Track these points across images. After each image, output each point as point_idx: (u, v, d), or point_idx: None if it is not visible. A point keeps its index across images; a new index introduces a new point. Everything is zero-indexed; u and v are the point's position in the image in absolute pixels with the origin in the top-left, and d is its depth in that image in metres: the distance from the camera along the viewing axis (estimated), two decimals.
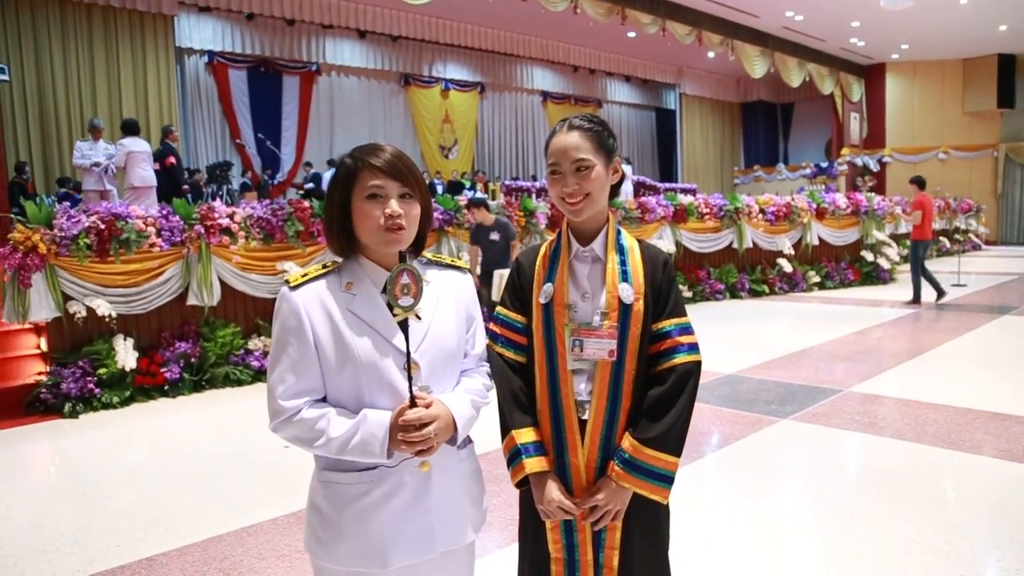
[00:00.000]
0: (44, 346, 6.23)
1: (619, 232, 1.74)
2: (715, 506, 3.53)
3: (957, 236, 19.22)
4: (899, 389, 5.52)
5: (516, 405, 1.70)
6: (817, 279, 12.07)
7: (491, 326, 1.77)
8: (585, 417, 1.67)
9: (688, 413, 1.65)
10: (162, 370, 6.09)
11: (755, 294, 11.43)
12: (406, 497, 1.48)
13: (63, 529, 3.52)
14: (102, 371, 5.81)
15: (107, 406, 5.74)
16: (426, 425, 1.42)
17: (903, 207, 15.34)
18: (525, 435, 1.68)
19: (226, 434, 5.14)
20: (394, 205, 1.46)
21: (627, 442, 1.63)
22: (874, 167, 22.71)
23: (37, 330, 6.43)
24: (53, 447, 5.02)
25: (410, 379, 1.45)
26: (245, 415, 5.58)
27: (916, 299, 10.20)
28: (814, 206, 12.26)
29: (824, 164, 22.92)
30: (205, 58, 15.26)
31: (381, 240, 1.47)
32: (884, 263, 12.78)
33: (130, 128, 9.28)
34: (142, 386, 6.00)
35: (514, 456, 1.69)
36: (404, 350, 1.46)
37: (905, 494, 3.54)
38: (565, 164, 1.64)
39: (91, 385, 5.71)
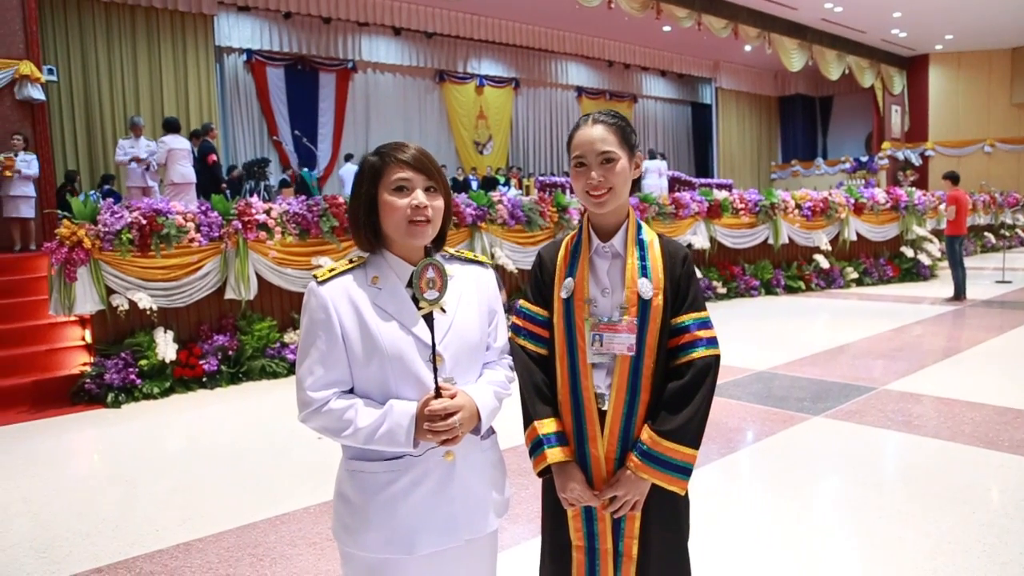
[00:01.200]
0: (88, 338, 6.42)
1: (639, 227, 1.76)
2: (743, 502, 3.52)
3: (1003, 231, 18.73)
4: (936, 387, 5.43)
5: (538, 396, 1.73)
6: (855, 275, 11.88)
7: (514, 319, 1.80)
8: (605, 408, 1.69)
9: (707, 407, 1.67)
10: (201, 362, 6.24)
11: (791, 290, 11.29)
12: (431, 486, 1.52)
13: (105, 514, 3.65)
14: (143, 363, 5.97)
15: (148, 396, 5.91)
16: (451, 415, 1.45)
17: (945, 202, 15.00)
18: (547, 426, 1.71)
19: (262, 425, 5.26)
20: (420, 196, 1.50)
21: (646, 434, 1.66)
22: (916, 161, 22.26)
23: (82, 322, 6.63)
24: (96, 435, 5.18)
25: (435, 371, 1.49)
26: (280, 407, 5.69)
27: (958, 295, 10.00)
28: (852, 201, 12.06)
29: (864, 158, 22.51)
30: (244, 56, 15.50)
31: (407, 231, 1.50)
32: (925, 259, 12.54)
33: (171, 126, 9.49)
34: (181, 378, 6.15)
35: (536, 446, 1.72)
36: (428, 342, 1.50)
37: (938, 493, 3.50)
38: (591, 156, 1.67)
39: (133, 376, 5.87)
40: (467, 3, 16.39)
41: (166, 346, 6.05)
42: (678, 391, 1.65)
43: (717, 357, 1.69)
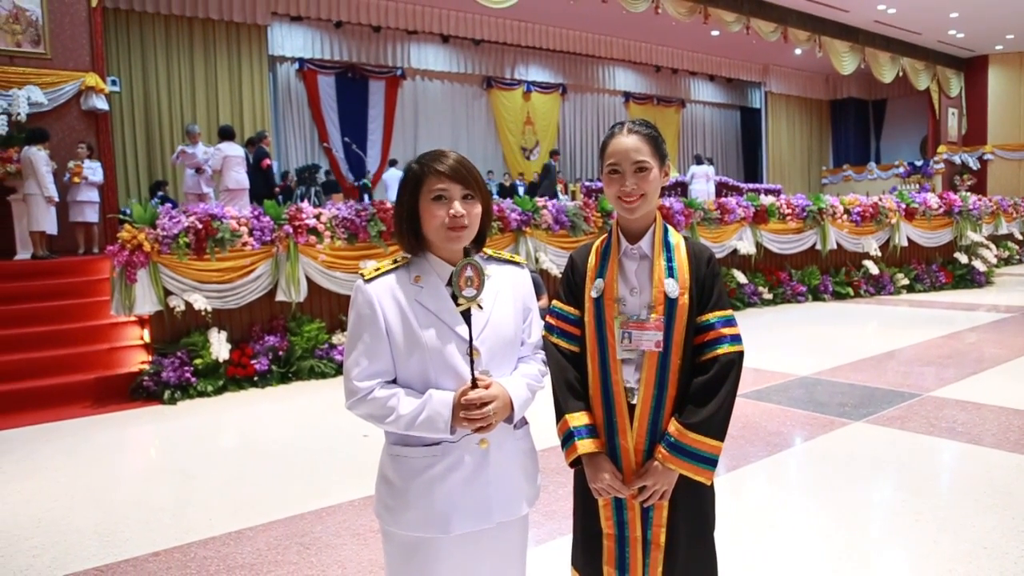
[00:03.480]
0: (147, 337, 6.70)
1: (666, 230, 1.84)
2: (780, 504, 3.55)
3: None
4: (984, 394, 5.33)
5: (570, 391, 1.83)
6: (906, 282, 11.63)
7: (547, 318, 1.90)
8: (634, 402, 1.78)
9: (731, 400, 1.75)
10: (252, 362, 6.45)
11: (839, 297, 11.12)
12: (467, 471, 1.63)
13: (162, 503, 3.84)
14: (198, 362, 6.21)
15: (202, 394, 6.14)
16: (486, 404, 1.56)
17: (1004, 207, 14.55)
18: (577, 419, 1.81)
19: (310, 423, 5.43)
20: (457, 206, 1.61)
21: (673, 427, 1.74)
22: (973, 165, 21.65)
23: (141, 322, 6.91)
24: (154, 430, 5.42)
25: (472, 363, 1.60)
26: (328, 406, 5.87)
27: None
28: (903, 206, 11.83)
29: (919, 163, 22.00)
30: (296, 65, 15.91)
31: (445, 237, 1.62)
32: (980, 265, 12.21)
33: (227, 134, 9.80)
34: (234, 376, 6.38)
35: (567, 438, 1.82)
36: (467, 337, 1.61)
37: (978, 499, 3.47)
38: (625, 165, 1.76)
39: (188, 374, 6.12)
40: (514, 10, 16.53)
41: (220, 346, 6.28)
42: (704, 386, 1.73)
43: (741, 353, 1.76)
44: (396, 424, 1.57)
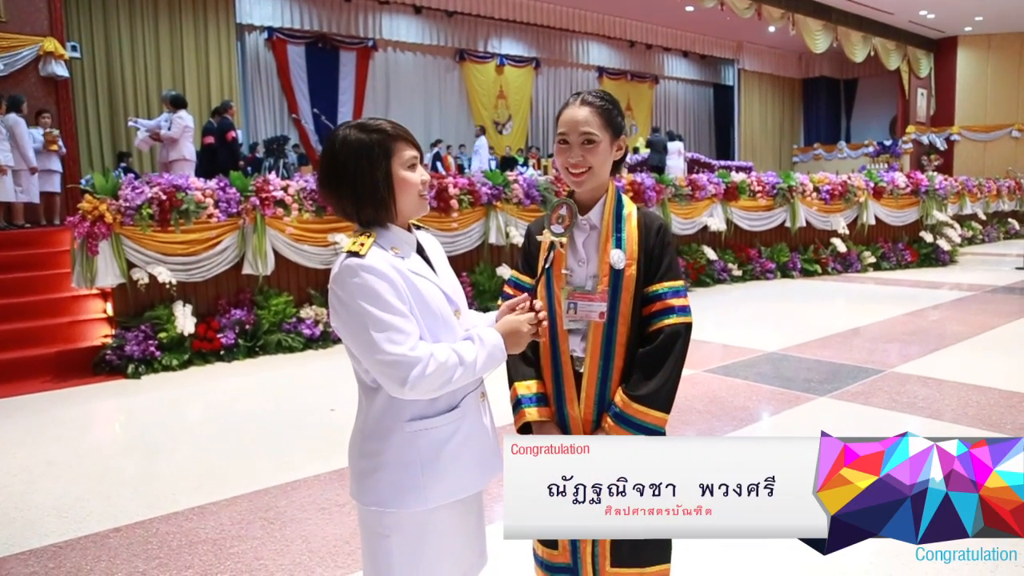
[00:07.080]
0: (110, 310, 6.56)
1: (619, 201, 1.83)
2: None
3: None
4: (946, 371, 5.43)
5: (521, 359, 1.85)
6: (872, 260, 11.78)
7: (505, 288, 1.91)
8: (581, 371, 1.79)
9: (678, 372, 1.76)
10: (218, 336, 6.36)
11: (807, 274, 11.24)
12: (482, 423, 1.67)
13: (125, 478, 3.79)
14: (162, 335, 6.11)
15: (167, 368, 6.04)
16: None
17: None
18: (526, 387, 1.84)
19: (277, 397, 5.39)
20: (423, 172, 1.61)
21: (619, 397, 1.76)
22: (941, 146, 21.95)
23: (103, 295, 6.77)
24: (117, 405, 5.33)
25: (546, 282, 1.74)
26: (295, 379, 5.82)
27: None
28: (871, 185, 11.94)
29: (888, 142, 22.24)
30: (265, 34, 15.57)
31: (419, 205, 1.61)
32: (944, 245, 12.40)
33: (183, 103, 9.49)
34: (199, 350, 6.28)
35: (516, 405, 1.85)
36: (453, 298, 1.63)
37: None
38: (573, 136, 1.74)
39: (152, 348, 6.02)
40: None
41: (185, 319, 6.18)
42: (649, 357, 1.74)
43: (688, 325, 1.77)
44: (465, 374, 1.52)
